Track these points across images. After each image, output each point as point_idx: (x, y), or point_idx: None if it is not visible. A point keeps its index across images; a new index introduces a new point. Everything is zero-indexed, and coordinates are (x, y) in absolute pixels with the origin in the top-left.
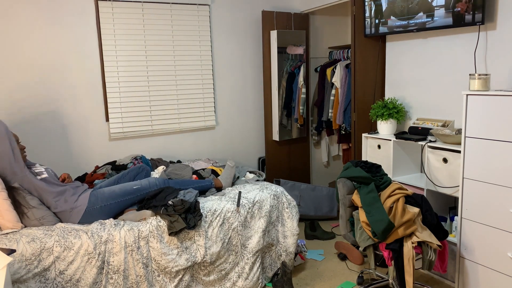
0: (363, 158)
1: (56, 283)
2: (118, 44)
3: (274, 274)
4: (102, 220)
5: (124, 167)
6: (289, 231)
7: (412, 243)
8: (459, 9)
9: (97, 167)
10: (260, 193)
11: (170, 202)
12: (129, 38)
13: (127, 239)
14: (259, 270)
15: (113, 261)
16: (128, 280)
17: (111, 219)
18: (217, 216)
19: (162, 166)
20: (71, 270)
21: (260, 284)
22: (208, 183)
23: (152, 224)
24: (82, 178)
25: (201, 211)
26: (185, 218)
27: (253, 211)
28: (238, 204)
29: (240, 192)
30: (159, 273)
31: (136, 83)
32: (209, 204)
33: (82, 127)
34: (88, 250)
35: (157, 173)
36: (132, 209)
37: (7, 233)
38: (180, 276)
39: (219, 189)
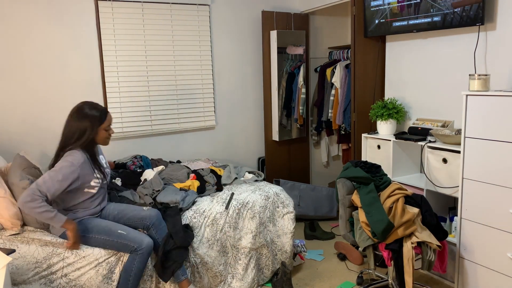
0: (363, 158)
1: None
2: (118, 44)
3: (273, 274)
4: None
5: (123, 165)
6: (281, 230)
7: (412, 243)
8: (459, 9)
9: None
10: (252, 194)
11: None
12: (129, 38)
13: None
14: (254, 270)
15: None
16: None
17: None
18: (205, 217)
19: (162, 166)
20: (76, 275)
21: (256, 285)
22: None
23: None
24: None
25: (193, 213)
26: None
27: (243, 212)
28: (227, 206)
29: (232, 194)
30: (160, 279)
31: (136, 83)
32: (200, 205)
33: None
34: (98, 259)
35: (156, 171)
36: None
37: (17, 234)
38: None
39: (219, 189)
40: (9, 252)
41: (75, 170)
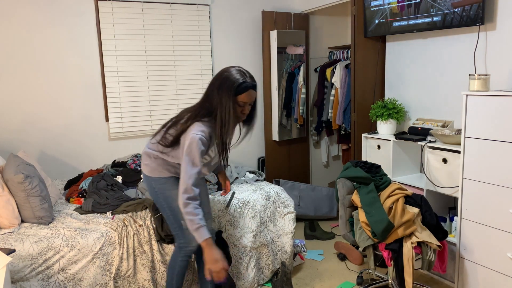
0: (363, 158)
1: (59, 282)
2: (118, 44)
3: (273, 274)
4: (111, 221)
5: (123, 164)
6: (282, 230)
7: (412, 243)
8: (459, 9)
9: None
10: (253, 193)
11: None
12: (129, 38)
13: (131, 245)
14: (254, 270)
15: (121, 266)
16: (135, 284)
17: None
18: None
19: None
20: (74, 270)
21: (256, 284)
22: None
23: (151, 227)
24: (77, 179)
25: None
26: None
27: (244, 211)
28: (228, 205)
29: (233, 193)
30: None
31: (136, 83)
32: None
33: (81, 127)
34: (94, 251)
35: None
36: None
37: (12, 232)
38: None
39: (220, 188)
40: (9, 252)
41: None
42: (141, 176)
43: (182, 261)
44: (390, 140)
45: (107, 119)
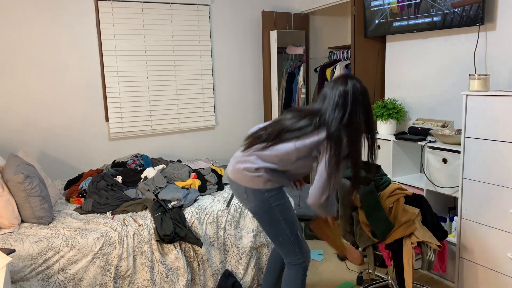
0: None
1: (59, 282)
2: (118, 44)
3: None
4: (110, 221)
5: (123, 164)
6: None
7: (412, 243)
8: (459, 9)
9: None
10: None
11: (170, 206)
12: (129, 38)
13: (131, 244)
14: (254, 270)
15: (120, 266)
16: (135, 284)
17: (117, 220)
18: (206, 214)
19: (163, 165)
20: (74, 270)
21: (256, 284)
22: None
23: (151, 227)
24: (77, 179)
25: (195, 209)
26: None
27: (244, 211)
28: (228, 205)
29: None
30: (167, 274)
31: (136, 83)
32: (201, 202)
33: (81, 127)
34: (93, 251)
35: (157, 169)
36: None
37: (12, 232)
38: (186, 275)
39: (220, 188)
40: (9, 252)
41: None
42: (141, 176)
43: (303, 280)
44: (390, 140)
45: (107, 119)
